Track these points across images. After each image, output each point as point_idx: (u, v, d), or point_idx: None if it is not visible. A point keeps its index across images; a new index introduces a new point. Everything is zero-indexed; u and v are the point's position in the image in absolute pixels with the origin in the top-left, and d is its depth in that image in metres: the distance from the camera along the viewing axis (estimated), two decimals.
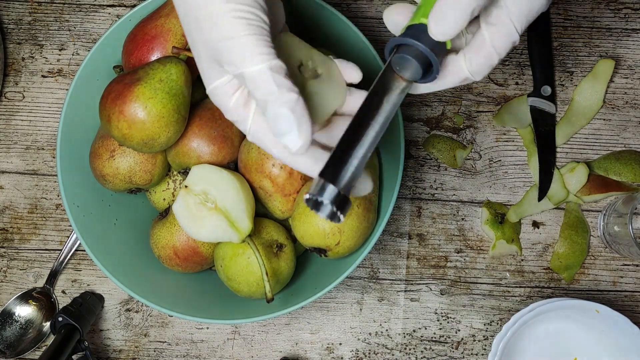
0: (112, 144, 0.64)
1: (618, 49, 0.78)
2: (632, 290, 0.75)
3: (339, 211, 0.41)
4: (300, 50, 0.51)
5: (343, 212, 0.41)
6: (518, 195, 0.76)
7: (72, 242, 0.76)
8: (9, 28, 0.80)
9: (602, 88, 0.76)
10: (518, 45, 0.78)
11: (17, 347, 0.74)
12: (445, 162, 0.76)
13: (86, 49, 0.79)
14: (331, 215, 0.41)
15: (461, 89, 0.77)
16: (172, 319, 0.75)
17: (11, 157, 0.78)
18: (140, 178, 0.65)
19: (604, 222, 0.74)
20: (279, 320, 0.75)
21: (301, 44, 0.51)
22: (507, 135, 0.77)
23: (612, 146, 0.76)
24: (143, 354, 0.75)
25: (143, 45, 0.63)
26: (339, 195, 0.41)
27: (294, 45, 0.51)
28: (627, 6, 0.78)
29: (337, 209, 0.41)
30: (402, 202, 0.76)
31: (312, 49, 0.52)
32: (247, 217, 0.61)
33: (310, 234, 0.62)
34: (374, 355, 0.74)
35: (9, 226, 0.77)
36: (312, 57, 0.51)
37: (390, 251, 0.76)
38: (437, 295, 0.75)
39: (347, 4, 0.79)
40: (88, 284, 0.76)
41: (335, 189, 0.41)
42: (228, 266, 0.63)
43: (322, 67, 0.51)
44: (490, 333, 0.74)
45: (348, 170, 0.41)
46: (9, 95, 0.79)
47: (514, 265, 0.75)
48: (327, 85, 0.49)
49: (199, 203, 0.61)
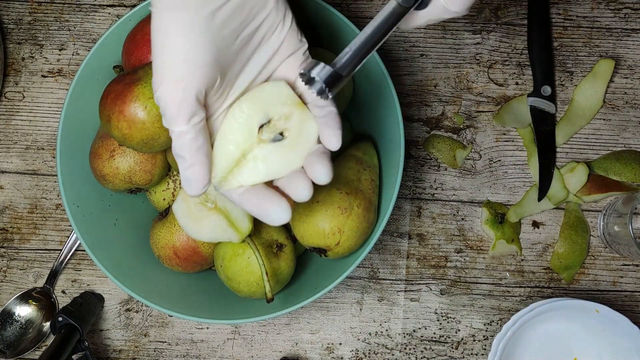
0: (112, 144, 0.64)
1: (618, 49, 0.78)
2: (632, 290, 0.75)
3: (327, 88, 0.46)
4: (280, 106, 0.50)
5: (331, 90, 0.46)
6: (518, 195, 0.76)
7: (72, 242, 0.76)
8: (9, 28, 0.80)
9: (602, 88, 0.76)
10: (518, 45, 0.78)
11: (17, 347, 0.74)
12: (445, 162, 0.76)
13: (86, 49, 0.79)
14: (320, 92, 0.46)
15: (461, 89, 0.77)
16: (172, 319, 0.75)
17: (11, 157, 0.78)
18: (140, 178, 0.65)
19: (604, 222, 0.74)
20: (279, 320, 0.75)
21: (289, 98, 0.51)
22: (507, 135, 0.77)
23: (612, 146, 0.76)
24: (143, 354, 0.75)
25: (143, 45, 0.63)
26: (328, 73, 0.46)
27: (275, 98, 0.50)
28: (627, 6, 0.78)
29: (326, 86, 0.46)
30: (402, 202, 0.76)
31: (298, 105, 0.51)
32: (247, 217, 0.61)
33: (310, 234, 0.61)
34: (374, 355, 0.74)
35: (9, 226, 0.77)
36: (292, 115, 0.50)
37: (390, 251, 0.76)
38: (437, 295, 0.75)
39: (347, 4, 0.79)
40: (88, 284, 0.76)
41: (324, 66, 0.46)
42: (228, 266, 0.63)
43: (296, 129, 0.50)
44: (490, 333, 0.74)
45: (340, 54, 0.47)
46: (9, 95, 0.79)
47: (514, 265, 0.75)
48: (280, 152, 0.49)
49: (199, 203, 0.61)
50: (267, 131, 0.49)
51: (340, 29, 0.65)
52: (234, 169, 0.49)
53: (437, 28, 0.79)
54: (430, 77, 0.78)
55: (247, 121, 0.49)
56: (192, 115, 0.46)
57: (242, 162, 0.49)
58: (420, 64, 0.78)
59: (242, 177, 0.49)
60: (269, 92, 0.50)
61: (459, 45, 0.78)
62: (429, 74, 0.78)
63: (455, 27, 0.79)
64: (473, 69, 0.78)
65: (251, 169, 0.49)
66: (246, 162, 0.49)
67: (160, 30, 0.46)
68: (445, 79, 0.78)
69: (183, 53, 0.45)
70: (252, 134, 0.49)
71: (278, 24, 0.49)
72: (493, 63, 0.78)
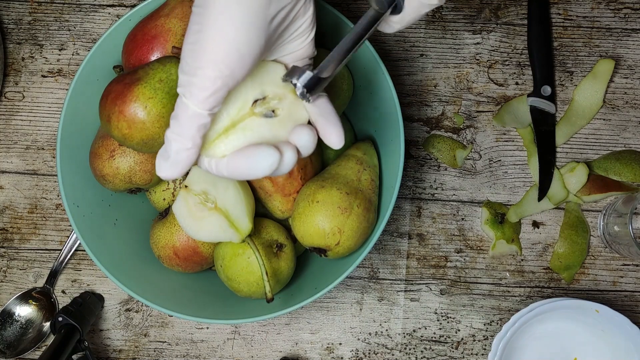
0: (112, 144, 0.64)
1: (618, 49, 0.78)
2: (632, 290, 0.75)
3: (308, 93, 0.48)
4: (276, 87, 0.51)
5: (311, 93, 0.49)
6: (518, 195, 0.76)
7: (72, 242, 0.76)
8: (9, 28, 0.80)
9: (602, 88, 0.76)
10: (518, 45, 0.78)
11: (17, 347, 0.74)
12: (445, 162, 0.76)
13: (86, 49, 0.79)
14: (302, 95, 0.49)
15: (461, 89, 0.77)
16: (172, 319, 0.75)
17: (11, 157, 0.78)
18: (140, 178, 0.65)
19: (604, 222, 0.74)
20: (279, 320, 0.75)
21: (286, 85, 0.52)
22: (507, 135, 0.77)
23: (612, 146, 0.76)
24: (143, 354, 0.75)
25: (143, 45, 0.63)
26: (308, 78, 0.48)
27: (273, 77, 0.51)
28: (627, 6, 0.78)
29: (307, 90, 0.48)
30: (402, 202, 0.76)
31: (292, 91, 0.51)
32: (247, 217, 0.61)
33: (310, 234, 0.62)
34: (374, 355, 0.74)
35: (9, 226, 0.77)
36: (285, 98, 0.51)
37: (390, 251, 0.76)
38: (437, 295, 0.75)
39: (347, 3, 0.79)
40: (88, 284, 0.76)
41: (304, 72, 0.49)
42: (228, 266, 0.63)
43: (287, 110, 0.51)
44: (490, 333, 0.74)
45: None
46: (9, 95, 0.79)
47: (514, 265, 0.75)
48: (269, 127, 0.50)
49: (199, 203, 0.61)
50: (261, 106, 0.50)
51: (340, 29, 0.65)
52: (222, 136, 0.49)
53: (437, 28, 0.79)
54: (430, 77, 0.78)
55: (243, 93, 0.50)
56: (218, 104, 0.46)
57: (231, 131, 0.49)
58: (420, 64, 0.78)
59: (226, 146, 0.49)
60: (269, 71, 0.51)
61: (459, 45, 0.78)
62: (429, 74, 0.78)
63: (455, 27, 0.79)
64: (473, 69, 0.78)
65: (239, 137, 0.49)
66: (234, 131, 0.49)
67: (222, 14, 0.45)
68: (445, 79, 0.78)
69: (239, 44, 0.45)
70: (245, 106, 0.50)
71: (305, 31, 0.51)
72: (493, 63, 0.78)
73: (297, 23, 0.50)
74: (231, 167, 0.48)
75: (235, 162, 0.48)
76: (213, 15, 0.45)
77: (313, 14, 0.51)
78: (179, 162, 0.47)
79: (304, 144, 0.49)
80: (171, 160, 0.47)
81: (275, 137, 0.50)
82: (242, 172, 0.48)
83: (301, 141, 0.49)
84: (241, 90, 0.50)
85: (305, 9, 0.49)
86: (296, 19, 0.49)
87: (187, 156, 0.47)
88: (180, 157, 0.47)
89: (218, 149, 0.49)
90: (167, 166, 0.47)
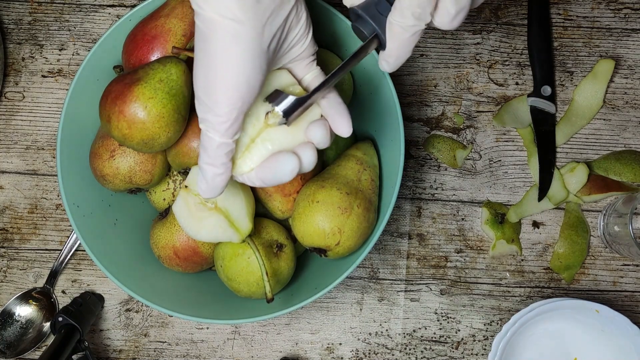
0: (112, 144, 0.64)
1: (618, 49, 0.78)
2: (632, 290, 0.75)
3: (285, 118, 0.52)
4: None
5: (288, 118, 0.52)
6: (518, 195, 0.76)
7: (72, 242, 0.76)
8: (9, 28, 0.80)
9: (602, 88, 0.76)
10: (518, 45, 0.78)
11: (17, 347, 0.74)
12: (445, 162, 0.76)
13: (86, 49, 0.79)
14: (280, 122, 0.52)
15: (461, 89, 0.77)
16: (172, 319, 0.75)
17: (11, 157, 0.78)
18: (140, 178, 0.65)
19: (604, 222, 0.74)
20: (279, 320, 0.75)
21: (290, 84, 0.54)
22: (507, 135, 0.77)
23: (612, 146, 0.76)
24: (143, 354, 0.75)
25: (143, 45, 0.63)
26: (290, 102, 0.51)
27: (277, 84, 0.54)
28: (627, 6, 0.78)
29: (284, 116, 0.51)
30: (402, 202, 0.76)
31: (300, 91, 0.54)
32: (247, 217, 0.61)
33: (310, 234, 0.61)
34: (374, 355, 0.74)
35: (9, 226, 0.77)
36: None
37: (390, 251, 0.76)
38: (437, 295, 0.75)
39: None
40: (88, 284, 0.76)
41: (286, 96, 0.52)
42: (228, 266, 0.63)
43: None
44: (490, 333, 0.74)
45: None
46: (9, 95, 0.79)
47: (514, 265, 0.75)
48: (285, 132, 0.53)
49: (199, 203, 0.61)
50: (273, 117, 0.52)
51: (340, 29, 0.65)
52: (245, 153, 0.53)
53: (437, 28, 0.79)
54: (430, 77, 0.78)
55: (254, 110, 0.53)
56: (238, 130, 0.51)
57: (251, 147, 0.53)
58: (420, 64, 0.78)
59: (252, 161, 0.53)
60: (273, 81, 0.54)
61: (459, 45, 0.78)
62: (429, 74, 0.78)
63: None
64: (473, 69, 0.78)
65: (260, 150, 0.53)
66: (255, 146, 0.53)
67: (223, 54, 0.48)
68: (445, 79, 0.78)
69: (245, 77, 0.49)
70: (259, 121, 0.53)
71: (302, 37, 0.53)
72: (493, 63, 0.78)
73: (292, 34, 0.52)
74: (260, 178, 0.53)
75: (262, 174, 0.53)
76: (216, 55, 0.48)
77: (307, 19, 0.53)
78: (216, 186, 0.52)
79: (319, 139, 0.53)
80: (209, 185, 0.52)
81: (294, 140, 0.53)
82: (271, 180, 0.53)
83: (317, 137, 0.53)
84: (252, 108, 0.53)
85: (298, 17, 0.52)
86: (291, 30, 0.52)
87: (221, 180, 0.52)
88: (216, 182, 0.52)
89: (245, 165, 0.53)
90: (208, 190, 0.52)
